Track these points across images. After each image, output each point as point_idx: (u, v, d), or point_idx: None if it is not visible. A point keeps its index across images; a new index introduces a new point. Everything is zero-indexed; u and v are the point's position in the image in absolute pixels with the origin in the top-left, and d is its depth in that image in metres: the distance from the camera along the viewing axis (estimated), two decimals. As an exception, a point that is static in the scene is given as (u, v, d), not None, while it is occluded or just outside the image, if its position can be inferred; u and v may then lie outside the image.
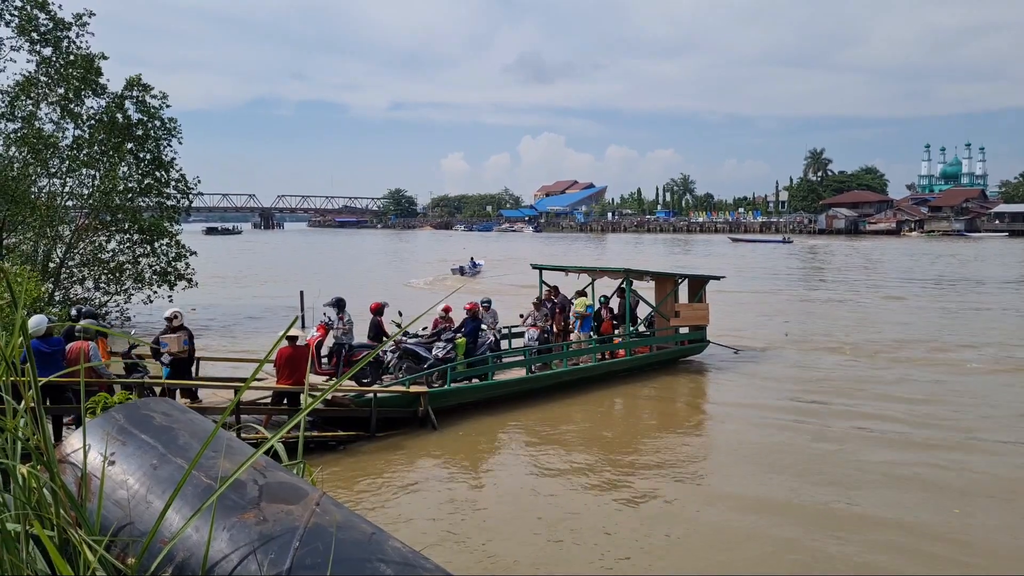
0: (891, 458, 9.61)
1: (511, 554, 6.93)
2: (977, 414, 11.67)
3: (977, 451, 9.90)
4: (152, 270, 20.83)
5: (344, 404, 10.65)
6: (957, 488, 8.57)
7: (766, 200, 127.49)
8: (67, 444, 1.79)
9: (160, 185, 21.04)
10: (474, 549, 7.07)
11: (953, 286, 32.67)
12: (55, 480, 1.59)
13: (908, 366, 15.47)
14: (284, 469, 1.85)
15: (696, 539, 7.32)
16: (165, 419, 1.88)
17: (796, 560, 6.85)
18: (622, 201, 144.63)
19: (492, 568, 6.66)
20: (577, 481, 8.90)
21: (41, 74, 18.96)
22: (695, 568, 6.71)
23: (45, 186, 19.58)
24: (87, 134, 19.61)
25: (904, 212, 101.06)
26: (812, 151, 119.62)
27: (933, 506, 8.06)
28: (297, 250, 71.89)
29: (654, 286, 16.49)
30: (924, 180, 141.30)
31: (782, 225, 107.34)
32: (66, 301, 18.60)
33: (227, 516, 1.57)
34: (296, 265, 49.23)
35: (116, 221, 20.35)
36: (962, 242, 76.90)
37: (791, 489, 8.59)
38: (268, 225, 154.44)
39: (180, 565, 1.51)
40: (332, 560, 1.47)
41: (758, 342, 18.20)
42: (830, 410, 12.01)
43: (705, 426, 11.90)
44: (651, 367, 15.02)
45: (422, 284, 34.89)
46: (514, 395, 12.49)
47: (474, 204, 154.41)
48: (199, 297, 23.75)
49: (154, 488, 1.64)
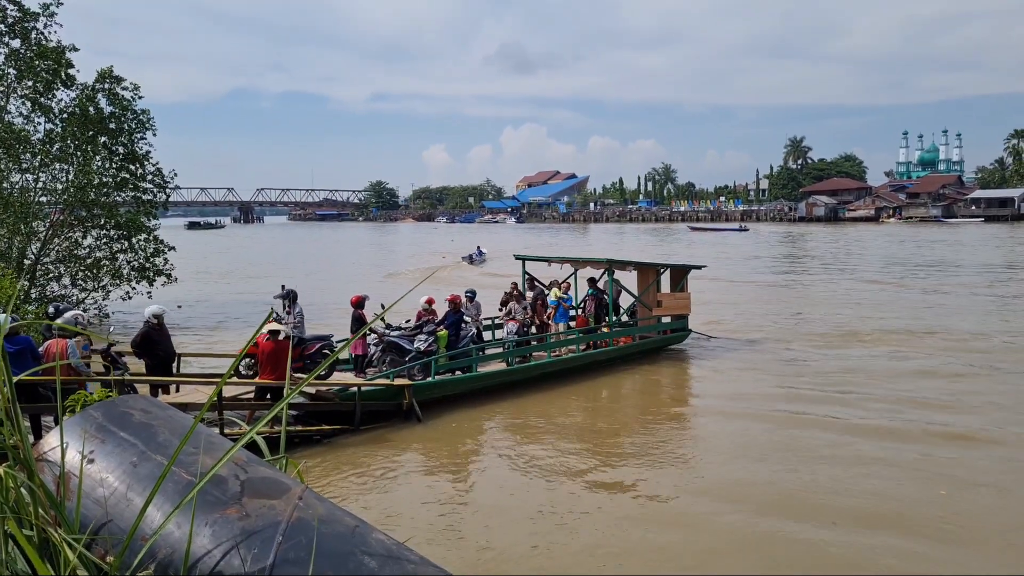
0: (874, 445, 9.75)
1: (496, 545, 6.96)
2: (969, 397, 11.88)
3: (960, 434, 10.07)
4: (130, 266, 20.56)
5: (328, 398, 10.61)
6: (943, 472, 8.72)
7: (747, 188, 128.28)
8: (45, 443, 1.77)
9: (135, 179, 20.74)
10: (459, 541, 7.10)
11: (941, 272, 33.13)
12: (33, 479, 1.57)
13: (893, 350, 15.68)
14: (266, 464, 1.84)
15: (678, 532, 7.40)
16: (144, 416, 1.86)
17: (790, 554, 6.94)
18: (604, 191, 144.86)
19: (478, 559, 6.69)
20: (562, 472, 8.94)
21: (10, 67, 18.60)
22: (681, 558, 6.78)
23: (18, 181, 19.23)
24: (59, 128, 19.27)
25: (883, 199, 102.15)
26: (792, 139, 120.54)
27: (918, 489, 8.20)
28: (281, 244, 71.29)
29: (636, 276, 16.57)
30: (902, 167, 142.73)
31: (762, 213, 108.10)
32: (42, 298, 18.32)
33: (209, 512, 1.56)
34: (281, 260, 48.81)
35: (92, 216, 20.05)
36: (939, 228, 77.94)
37: (779, 478, 8.69)
38: (248, 219, 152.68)
39: (163, 562, 1.50)
40: (316, 554, 1.47)
41: (738, 330, 18.37)
42: (811, 396, 12.16)
43: (688, 416, 12.00)
44: (634, 356, 15.11)
45: (418, 272, 34.82)
46: (498, 387, 12.51)
47: (456, 196, 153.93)
48: (182, 293, 23.54)
49: (134, 486, 1.63)
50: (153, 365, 10.33)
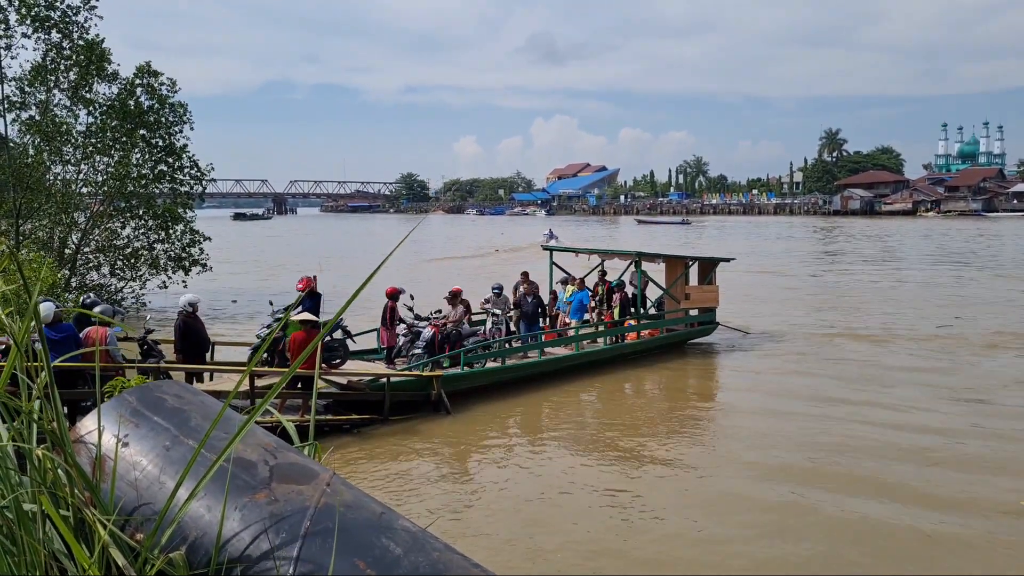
0: (913, 445, 9.56)
1: (520, 536, 6.98)
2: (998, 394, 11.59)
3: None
4: (167, 256, 20.98)
5: (358, 388, 10.72)
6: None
7: (780, 181, 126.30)
8: (81, 426, 1.82)
9: (173, 171, 21.14)
10: (483, 531, 7.13)
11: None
12: (69, 461, 1.61)
13: (919, 349, 15.36)
14: (295, 450, 1.87)
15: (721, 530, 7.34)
16: (177, 401, 1.90)
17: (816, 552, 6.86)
18: (635, 184, 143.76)
19: (503, 550, 6.72)
20: (586, 465, 8.93)
21: (50, 60, 19.02)
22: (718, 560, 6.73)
23: (59, 173, 19.72)
24: (99, 121, 19.70)
25: (920, 192, 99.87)
26: (827, 131, 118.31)
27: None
28: (322, 235, 71.13)
29: (664, 268, 16.45)
30: (941, 160, 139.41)
31: (796, 206, 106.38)
32: (82, 287, 18.79)
33: (239, 496, 1.59)
34: (331, 250, 48.30)
35: (131, 208, 20.50)
36: (980, 222, 75.93)
37: (807, 478, 8.58)
38: (281, 211, 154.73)
39: (193, 543, 1.54)
40: (342, 539, 1.49)
41: (762, 323, 18.13)
42: (834, 392, 11.97)
43: (718, 411, 11.89)
44: (661, 349, 15.01)
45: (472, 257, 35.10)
46: (526, 379, 12.53)
47: (486, 188, 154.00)
48: (233, 281, 23.88)
49: (167, 469, 1.67)
50: (187, 353, 10.53)
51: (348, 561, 1.47)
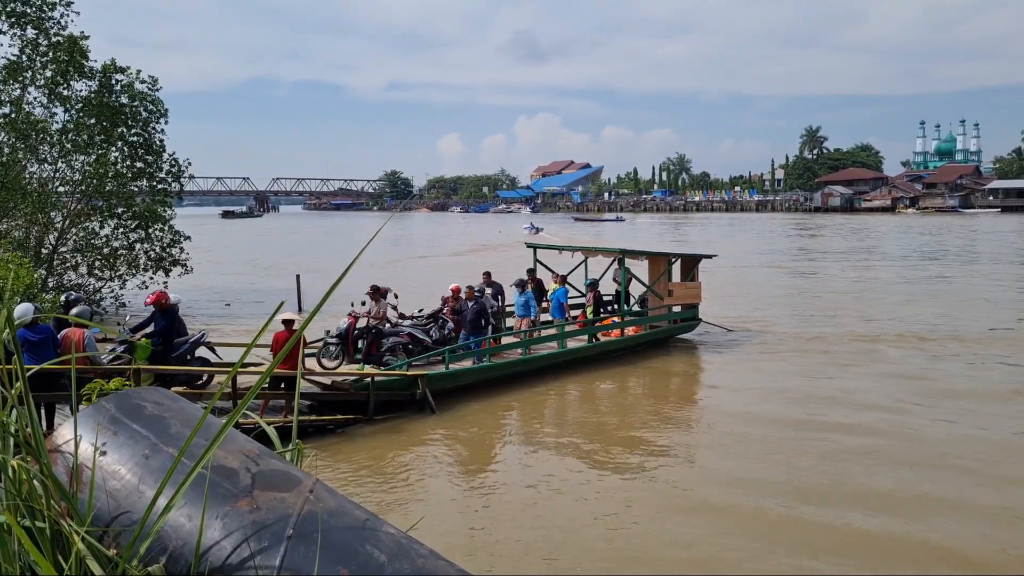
0: (891, 447, 9.67)
1: (508, 538, 6.98)
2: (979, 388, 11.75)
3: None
4: (147, 256, 20.72)
5: (343, 388, 10.66)
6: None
7: (762, 178, 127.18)
8: (58, 435, 1.78)
9: (151, 169, 20.86)
10: (470, 533, 7.12)
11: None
12: (45, 472, 1.58)
13: (908, 347, 15.55)
14: (278, 457, 1.84)
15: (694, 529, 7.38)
16: (156, 408, 1.87)
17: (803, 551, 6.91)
18: (619, 181, 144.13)
19: (489, 553, 6.71)
20: (574, 464, 8.94)
21: (26, 57, 18.71)
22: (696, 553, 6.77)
23: (36, 172, 19.40)
24: (75, 118, 19.40)
25: (899, 189, 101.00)
26: (808, 128, 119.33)
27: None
28: (306, 234, 70.26)
29: (648, 265, 16.49)
30: (919, 157, 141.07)
31: (778, 203, 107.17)
32: (60, 287, 18.51)
33: (220, 504, 1.56)
34: (332, 251, 47.35)
35: (109, 206, 20.21)
36: (957, 218, 76.96)
37: (792, 476, 8.66)
38: (263, 209, 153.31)
39: (173, 554, 1.51)
40: (325, 548, 1.47)
41: (747, 320, 18.27)
42: (815, 393, 12.08)
43: (698, 408, 11.96)
44: (644, 346, 15.07)
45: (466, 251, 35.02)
46: (511, 377, 12.52)
47: (471, 185, 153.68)
48: (231, 281, 23.57)
49: (146, 478, 1.64)
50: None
51: (332, 569, 1.45)
